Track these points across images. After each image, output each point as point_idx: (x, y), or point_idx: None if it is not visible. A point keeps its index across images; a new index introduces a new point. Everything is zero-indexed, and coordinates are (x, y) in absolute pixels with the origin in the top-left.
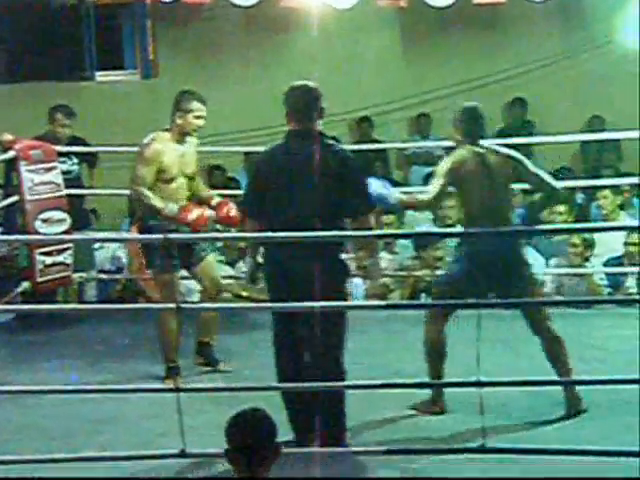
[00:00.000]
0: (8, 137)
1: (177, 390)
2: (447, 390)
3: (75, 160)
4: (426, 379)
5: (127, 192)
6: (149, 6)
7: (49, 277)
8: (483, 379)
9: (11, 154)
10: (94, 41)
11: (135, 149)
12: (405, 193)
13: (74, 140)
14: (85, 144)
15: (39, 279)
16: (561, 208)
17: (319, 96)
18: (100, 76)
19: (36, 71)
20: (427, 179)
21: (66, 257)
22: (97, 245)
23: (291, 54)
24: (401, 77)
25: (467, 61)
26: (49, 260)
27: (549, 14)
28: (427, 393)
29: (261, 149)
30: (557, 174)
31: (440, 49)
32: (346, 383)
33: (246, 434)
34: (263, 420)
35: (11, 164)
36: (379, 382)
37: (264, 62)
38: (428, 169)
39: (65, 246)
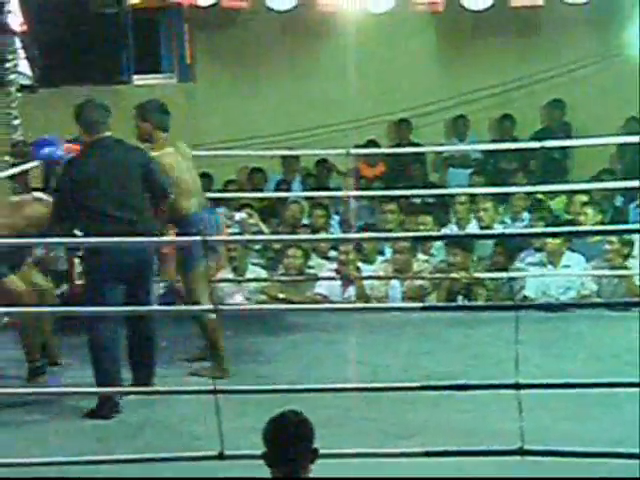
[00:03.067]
0: None
1: (215, 392)
2: (485, 392)
3: None
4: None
5: None
6: (186, 10)
7: None
8: (522, 381)
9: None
10: (131, 45)
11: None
12: None
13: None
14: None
15: (77, 282)
16: (588, 210)
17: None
18: (137, 80)
19: (74, 75)
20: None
21: None
22: None
23: (327, 58)
24: (438, 80)
25: (504, 64)
26: None
27: (586, 16)
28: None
29: (298, 152)
30: (599, 177)
31: (477, 52)
32: (382, 385)
33: (284, 437)
34: (301, 423)
35: (49, 168)
36: (415, 384)
37: (300, 66)
38: (465, 171)
39: None
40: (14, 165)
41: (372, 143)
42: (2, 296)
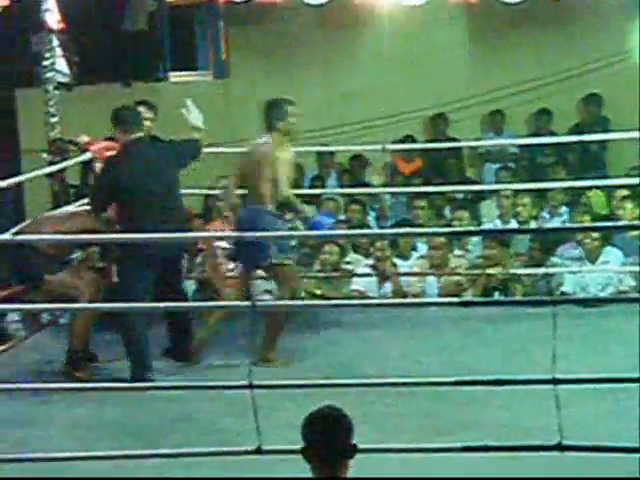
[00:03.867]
0: (85, 138)
1: (251, 387)
2: (523, 387)
3: None
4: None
5: (200, 192)
6: (222, 7)
7: None
8: (559, 376)
9: (88, 155)
10: (168, 42)
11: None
12: None
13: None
14: (175, 149)
15: (115, 279)
16: (627, 204)
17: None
18: (173, 77)
19: (111, 73)
20: (498, 175)
21: None
22: None
23: (362, 52)
24: (474, 74)
25: (540, 57)
26: None
27: (623, 8)
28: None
29: (333, 148)
30: (636, 170)
31: (513, 45)
32: (419, 380)
33: (323, 432)
34: (340, 418)
35: (87, 165)
36: (452, 380)
37: (335, 60)
38: (500, 166)
39: None
40: (52, 162)
41: (409, 138)
42: (52, 294)
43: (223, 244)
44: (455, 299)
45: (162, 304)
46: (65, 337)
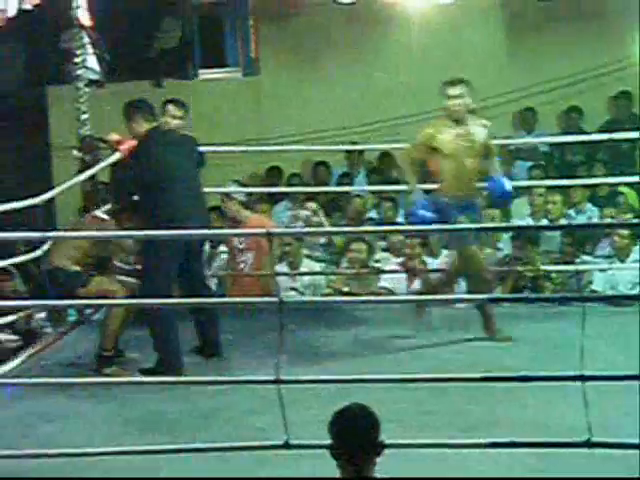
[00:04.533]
0: (115, 137)
1: (278, 382)
2: (551, 384)
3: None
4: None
5: (222, 190)
6: (251, 4)
7: None
8: (586, 373)
9: (118, 155)
10: (197, 39)
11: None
12: None
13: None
14: (195, 144)
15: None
16: None
17: None
18: (203, 74)
19: (141, 70)
20: (530, 173)
21: None
22: None
23: (393, 50)
24: (504, 71)
25: (573, 54)
26: None
27: None
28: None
29: (361, 147)
30: None
31: (544, 42)
32: (446, 376)
33: (350, 430)
34: (367, 416)
35: (116, 164)
36: (479, 376)
37: (365, 58)
38: (532, 164)
39: None
40: (82, 160)
41: None
42: (94, 296)
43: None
44: (483, 296)
45: (190, 300)
46: (95, 335)
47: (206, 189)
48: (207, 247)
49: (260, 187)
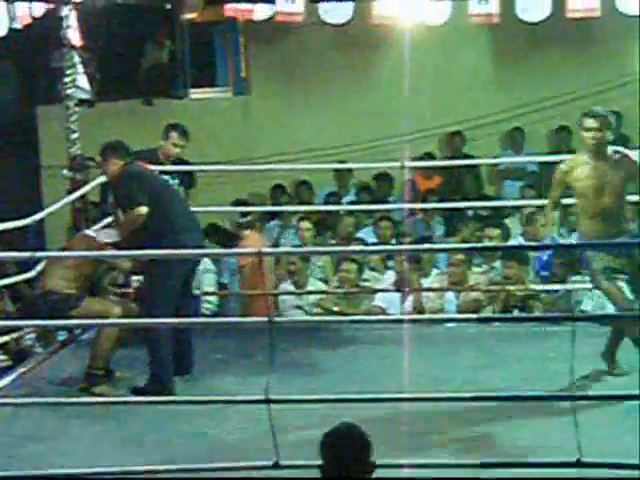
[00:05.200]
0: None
1: (268, 401)
2: (542, 404)
3: (176, 180)
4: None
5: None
6: (242, 24)
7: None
8: (578, 393)
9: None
10: (188, 59)
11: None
12: None
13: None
14: (187, 164)
15: (134, 297)
16: None
17: None
18: (193, 93)
19: (131, 89)
20: (522, 193)
21: None
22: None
23: (383, 71)
24: (493, 92)
25: (560, 75)
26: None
27: None
28: (517, 408)
29: (353, 165)
30: None
31: (533, 64)
32: (436, 396)
33: (341, 450)
34: (358, 436)
35: (106, 184)
36: (471, 395)
37: (355, 79)
38: (521, 183)
39: None
40: (72, 179)
41: (428, 156)
42: (86, 317)
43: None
44: (473, 315)
45: (178, 320)
46: (85, 355)
47: (201, 208)
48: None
49: (263, 205)
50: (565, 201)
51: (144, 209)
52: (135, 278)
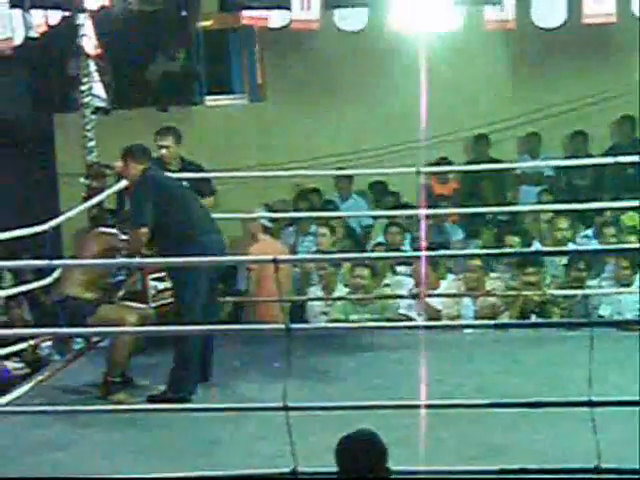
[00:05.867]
0: (119, 164)
1: (286, 409)
2: (559, 410)
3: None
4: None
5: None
6: (257, 32)
7: (162, 302)
8: (595, 399)
9: (124, 182)
10: (204, 66)
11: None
12: None
13: (189, 165)
14: (200, 170)
15: (152, 304)
16: None
17: None
18: (209, 100)
19: (147, 97)
20: (540, 198)
21: None
22: None
23: (398, 77)
24: (510, 97)
25: (576, 80)
26: (161, 285)
27: None
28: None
29: (367, 171)
30: None
31: (549, 69)
32: (454, 402)
33: (357, 457)
34: (374, 443)
35: (123, 190)
36: (487, 402)
37: (370, 86)
38: (538, 189)
39: None
40: (89, 186)
41: (444, 161)
42: (101, 325)
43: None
44: (489, 322)
45: (196, 327)
46: (102, 362)
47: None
48: None
49: (289, 211)
50: None
51: (144, 231)
52: (154, 284)
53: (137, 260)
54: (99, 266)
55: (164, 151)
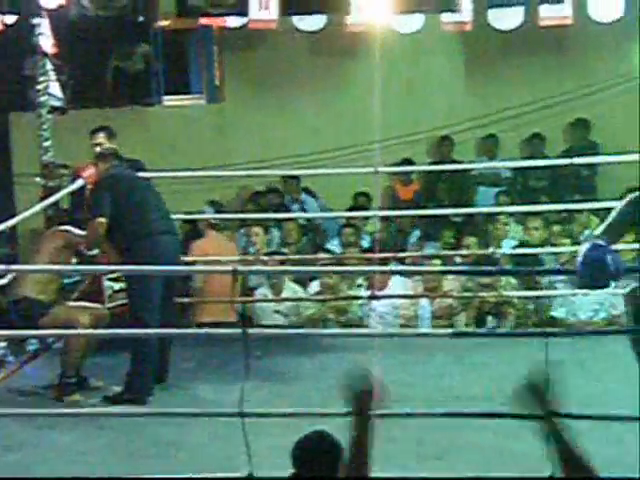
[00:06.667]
0: (90, 165)
1: (242, 415)
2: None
3: None
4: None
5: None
6: (215, 32)
7: (118, 302)
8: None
9: (80, 182)
10: (161, 66)
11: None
12: None
13: (126, 162)
14: (141, 167)
15: (108, 304)
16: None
17: None
18: (167, 101)
19: (104, 96)
20: (498, 199)
21: None
22: None
23: (356, 78)
24: (466, 99)
25: (531, 83)
26: (117, 286)
27: (614, 36)
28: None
29: (325, 171)
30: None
31: (506, 71)
32: (408, 411)
33: (313, 458)
34: (330, 444)
35: (78, 190)
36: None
37: (328, 87)
38: (495, 190)
39: None
40: (45, 186)
41: (407, 162)
42: (53, 326)
43: None
44: (447, 330)
45: (153, 330)
46: (57, 363)
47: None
48: None
49: (239, 211)
50: None
51: (102, 221)
52: (109, 284)
53: (94, 267)
54: (53, 270)
55: (98, 149)
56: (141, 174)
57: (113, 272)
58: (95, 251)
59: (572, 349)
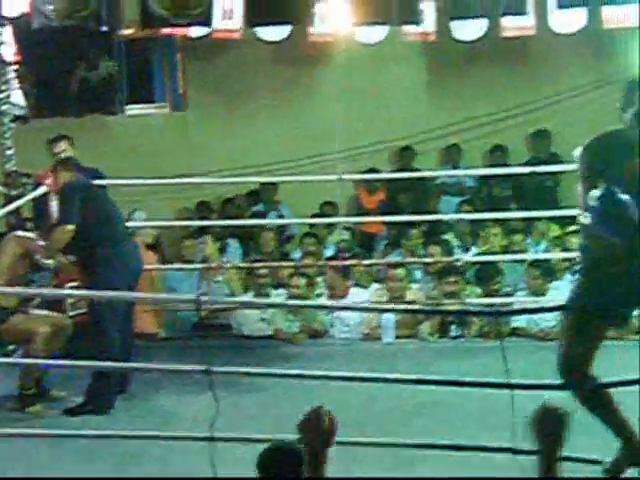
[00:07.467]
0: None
1: (211, 439)
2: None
3: None
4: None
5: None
6: (179, 41)
7: (80, 311)
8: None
9: (42, 189)
10: (124, 75)
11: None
12: None
13: (85, 171)
14: (99, 175)
15: (70, 313)
16: (574, 239)
17: None
18: (130, 110)
19: (66, 105)
20: (460, 208)
21: None
22: None
23: (319, 88)
24: (429, 109)
25: (494, 93)
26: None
27: (576, 47)
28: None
29: (291, 178)
30: None
31: (468, 82)
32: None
33: (278, 466)
34: (292, 452)
35: (40, 198)
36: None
37: (291, 96)
38: (458, 199)
39: None
40: (7, 195)
41: (373, 171)
42: (13, 333)
43: None
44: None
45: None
46: (18, 373)
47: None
48: None
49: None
50: None
51: (71, 228)
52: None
53: (64, 291)
54: (11, 263)
55: (59, 157)
56: (97, 182)
57: (75, 280)
58: (51, 261)
59: (531, 358)
